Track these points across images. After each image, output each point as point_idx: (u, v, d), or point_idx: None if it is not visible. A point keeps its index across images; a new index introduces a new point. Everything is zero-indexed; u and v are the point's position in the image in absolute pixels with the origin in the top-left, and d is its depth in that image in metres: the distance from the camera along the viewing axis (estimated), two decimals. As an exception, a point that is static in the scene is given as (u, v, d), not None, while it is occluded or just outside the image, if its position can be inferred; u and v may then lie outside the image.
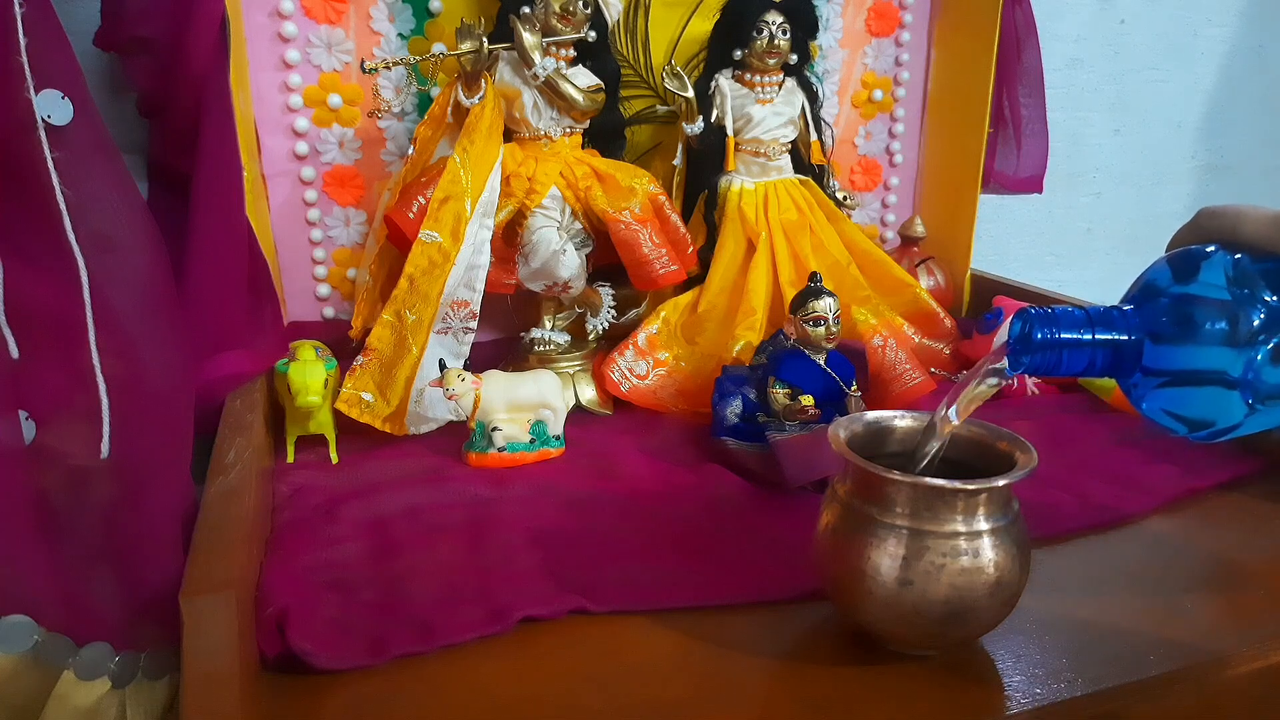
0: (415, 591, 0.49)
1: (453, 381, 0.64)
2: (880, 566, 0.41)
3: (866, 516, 0.42)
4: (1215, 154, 1.31)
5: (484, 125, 0.70)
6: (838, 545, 0.43)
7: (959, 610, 0.41)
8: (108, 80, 0.74)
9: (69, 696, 0.43)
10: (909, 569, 0.41)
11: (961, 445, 0.46)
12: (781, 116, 0.81)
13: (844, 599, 0.44)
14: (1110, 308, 0.44)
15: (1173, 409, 0.43)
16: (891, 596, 0.41)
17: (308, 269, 0.82)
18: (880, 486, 0.42)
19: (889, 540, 0.41)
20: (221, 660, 0.37)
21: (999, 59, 0.91)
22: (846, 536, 0.43)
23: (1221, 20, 1.24)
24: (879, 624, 0.43)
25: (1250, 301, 0.40)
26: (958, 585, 0.40)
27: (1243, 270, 0.41)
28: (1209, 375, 0.42)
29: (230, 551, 0.42)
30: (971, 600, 0.41)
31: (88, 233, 0.47)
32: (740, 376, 0.68)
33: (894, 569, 0.41)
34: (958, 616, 0.41)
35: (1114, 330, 0.42)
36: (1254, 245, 0.42)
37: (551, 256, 0.74)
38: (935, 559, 0.40)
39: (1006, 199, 1.17)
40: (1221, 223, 0.43)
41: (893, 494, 0.41)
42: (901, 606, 0.41)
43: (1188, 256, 0.43)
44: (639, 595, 0.49)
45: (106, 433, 0.46)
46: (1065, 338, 0.42)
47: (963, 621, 0.41)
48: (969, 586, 0.41)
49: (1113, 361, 0.43)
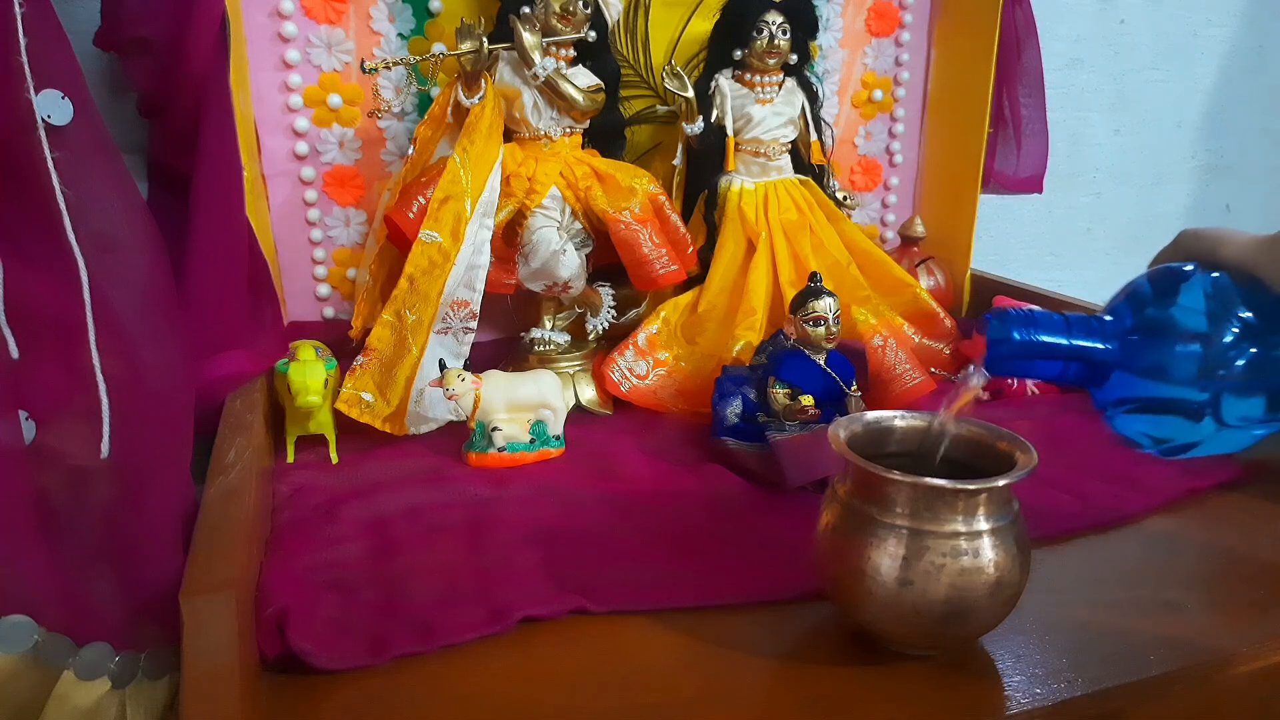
0: (415, 591, 0.49)
1: (453, 381, 0.64)
2: (880, 566, 0.41)
3: (867, 516, 0.42)
4: (1215, 154, 1.31)
5: (484, 125, 0.70)
6: (838, 545, 0.43)
7: (959, 610, 0.41)
8: (108, 80, 0.74)
9: (69, 696, 0.43)
10: (909, 569, 0.41)
11: (962, 445, 0.46)
12: (781, 116, 0.81)
13: (844, 599, 0.44)
14: (1090, 316, 0.44)
15: (1143, 430, 0.44)
16: (891, 596, 0.41)
17: (308, 269, 0.82)
18: (880, 486, 0.42)
19: (889, 540, 0.41)
20: (221, 660, 0.37)
21: (999, 59, 0.91)
22: (847, 536, 0.43)
23: (1221, 20, 1.24)
24: (879, 624, 0.43)
25: (1225, 320, 0.42)
26: (958, 585, 0.40)
27: (1221, 288, 0.42)
28: (1176, 404, 0.43)
29: (230, 551, 0.42)
30: (972, 600, 0.41)
31: (88, 233, 0.47)
32: (740, 376, 0.68)
33: (894, 569, 0.41)
34: (958, 616, 0.41)
35: (1093, 337, 0.43)
36: (1233, 267, 0.43)
37: (551, 256, 0.74)
38: (935, 559, 0.40)
39: (1006, 199, 1.17)
40: (1202, 245, 0.45)
41: (893, 494, 0.41)
42: (901, 606, 0.41)
43: (1169, 275, 0.44)
44: (639, 595, 0.49)
45: (106, 433, 0.46)
46: (1043, 339, 0.43)
47: (963, 621, 0.41)
48: (969, 586, 0.41)
49: (1086, 372, 0.44)
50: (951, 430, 0.45)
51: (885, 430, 0.48)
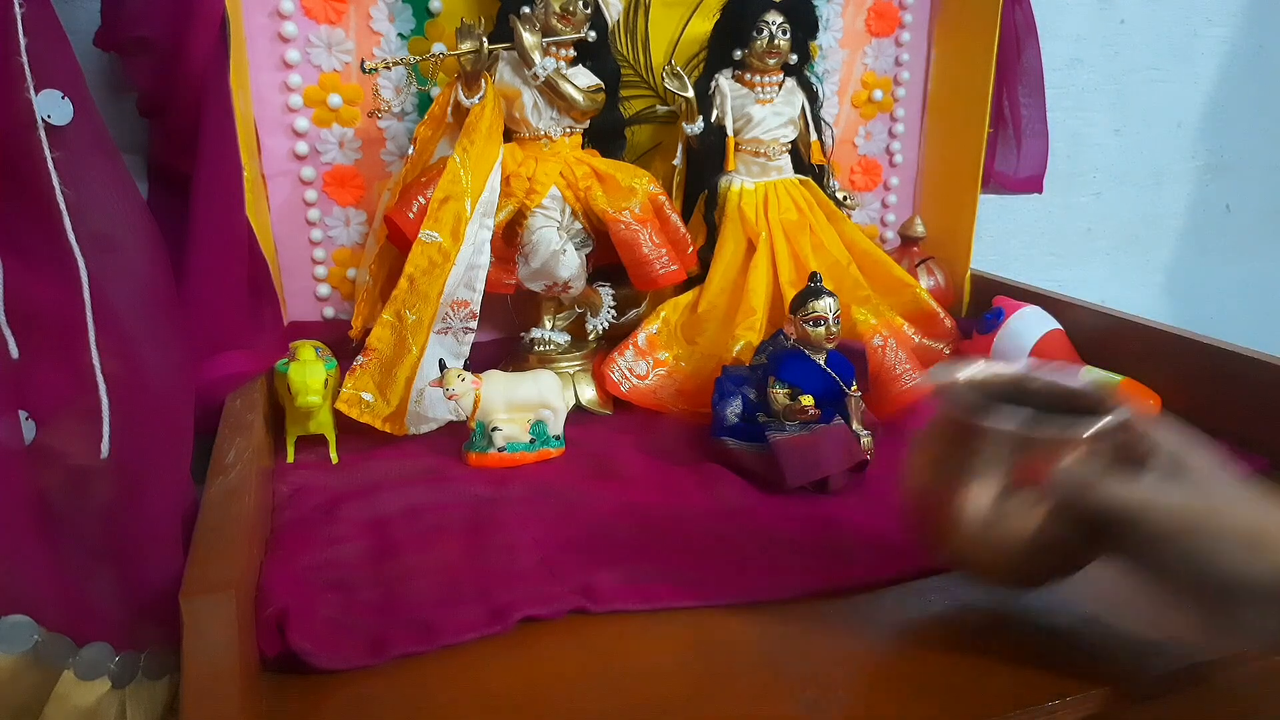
0: (415, 591, 0.49)
1: (453, 381, 0.64)
2: (977, 504, 0.43)
3: (963, 462, 0.44)
4: (1215, 154, 1.31)
5: (484, 125, 0.70)
6: (936, 485, 0.46)
7: (1047, 548, 0.43)
8: (108, 80, 0.74)
9: (69, 696, 0.43)
10: (1002, 507, 0.43)
11: (1049, 397, 0.48)
12: (781, 116, 0.81)
13: (938, 537, 0.46)
14: None
15: None
16: (982, 535, 0.43)
17: (308, 269, 0.82)
18: (977, 434, 0.44)
19: (985, 479, 0.43)
20: (221, 660, 0.37)
21: (999, 59, 0.91)
22: (944, 479, 0.45)
23: (1221, 20, 1.24)
24: (971, 560, 0.46)
25: None
26: (1044, 526, 0.42)
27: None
28: None
29: (230, 551, 0.42)
30: (1064, 540, 0.43)
31: (88, 233, 0.47)
32: (740, 376, 0.68)
33: (989, 507, 0.43)
34: (1047, 553, 0.43)
35: None
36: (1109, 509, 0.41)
37: (551, 256, 0.74)
38: (1026, 499, 0.42)
39: (1006, 199, 1.17)
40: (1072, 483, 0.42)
41: (988, 441, 0.43)
42: (992, 543, 0.43)
43: None
44: (639, 595, 0.49)
45: (106, 433, 0.46)
46: None
47: (1049, 563, 0.44)
48: (1057, 526, 0.42)
49: None
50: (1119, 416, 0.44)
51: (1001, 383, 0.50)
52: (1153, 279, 1.33)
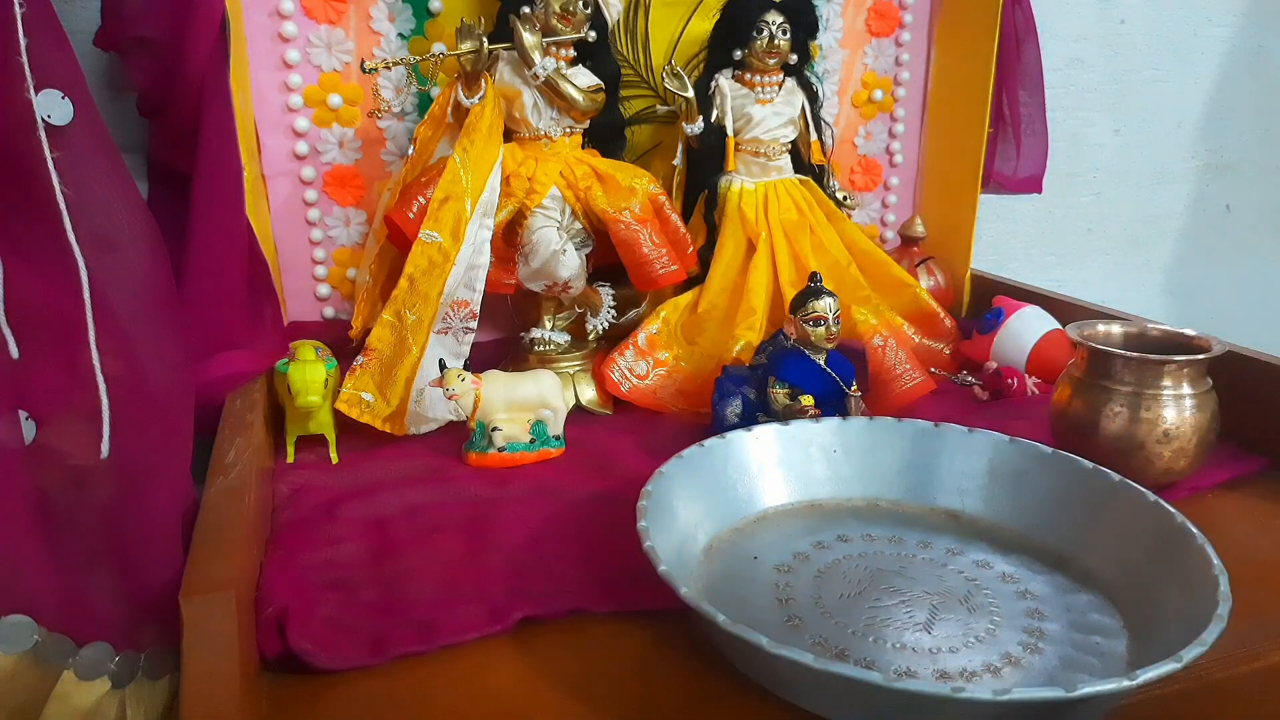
0: (415, 591, 0.49)
1: (453, 381, 0.64)
2: (1110, 416, 0.59)
3: (1099, 385, 0.60)
4: (1215, 154, 1.31)
5: (484, 125, 0.70)
6: (1074, 405, 0.61)
7: (1170, 445, 0.58)
8: (108, 80, 0.74)
9: (69, 696, 0.43)
10: (1133, 418, 0.58)
11: (1160, 341, 0.64)
12: (781, 116, 0.81)
13: (1078, 444, 0.59)
14: None
15: None
16: (1116, 440, 0.59)
17: (308, 269, 0.82)
18: (1112, 361, 0.60)
19: (1116, 400, 0.59)
20: (221, 660, 0.37)
21: (999, 59, 0.91)
22: (1083, 399, 0.61)
23: (1221, 20, 1.24)
24: (1107, 459, 0.55)
25: None
26: (1167, 428, 0.58)
27: None
28: None
29: (230, 551, 0.42)
30: (1183, 441, 0.58)
31: (88, 233, 0.47)
32: (740, 376, 0.68)
33: (1120, 421, 0.59)
34: (1167, 450, 0.58)
35: None
36: None
37: (551, 256, 0.74)
38: (1152, 411, 0.58)
39: (1006, 199, 1.17)
40: None
41: (1120, 366, 0.60)
42: (1121, 442, 0.59)
43: None
44: (639, 595, 0.49)
45: (106, 432, 0.46)
46: None
47: (1171, 458, 0.58)
48: (1175, 428, 0.58)
49: None
50: None
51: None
52: (1153, 279, 1.33)
